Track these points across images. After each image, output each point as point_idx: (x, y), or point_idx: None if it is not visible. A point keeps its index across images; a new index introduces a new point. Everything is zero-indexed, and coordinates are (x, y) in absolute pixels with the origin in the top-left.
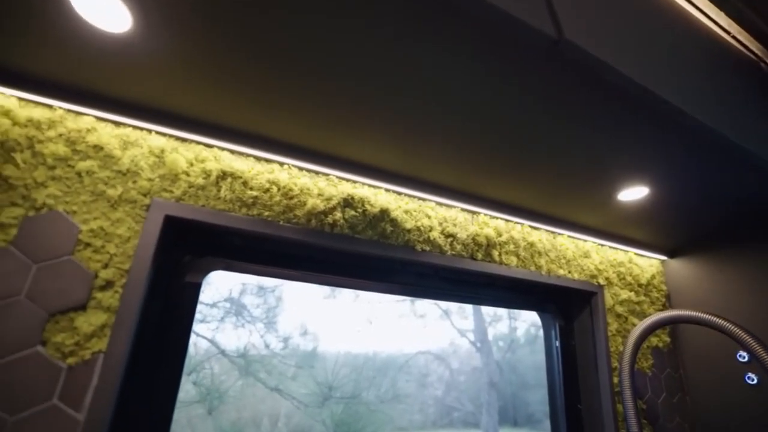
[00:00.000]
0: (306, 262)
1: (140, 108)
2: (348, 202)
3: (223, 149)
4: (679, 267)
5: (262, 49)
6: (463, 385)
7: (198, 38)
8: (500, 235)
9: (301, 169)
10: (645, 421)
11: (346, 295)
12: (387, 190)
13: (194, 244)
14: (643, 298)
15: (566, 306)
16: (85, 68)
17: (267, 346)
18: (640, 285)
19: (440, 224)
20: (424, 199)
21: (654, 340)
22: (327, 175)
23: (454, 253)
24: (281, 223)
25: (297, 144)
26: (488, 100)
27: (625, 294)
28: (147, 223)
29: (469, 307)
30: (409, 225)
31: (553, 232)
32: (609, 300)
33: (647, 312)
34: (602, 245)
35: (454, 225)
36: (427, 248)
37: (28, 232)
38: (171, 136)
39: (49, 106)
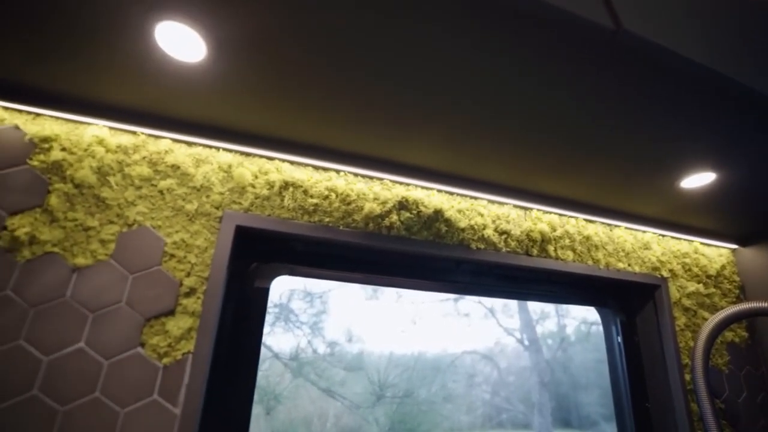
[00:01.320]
0: (365, 264)
1: (209, 128)
2: (403, 205)
3: (283, 161)
4: (754, 255)
5: (320, 68)
6: (512, 386)
7: (262, 62)
8: (554, 230)
9: (356, 175)
10: (724, 422)
11: (389, 296)
12: (440, 191)
13: (261, 251)
14: (713, 290)
15: (627, 300)
16: (162, 96)
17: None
18: (709, 276)
19: (493, 222)
20: (476, 198)
21: (729, 335)
22: (381, 179)
23: (508, 249)
24: (341, 227)
25: (352, 151)
26: (544, 95)
27: (692, 286)
28: (221, 234)
29: (514, 305)
30: (462, 224)
31: (609, 225)
32: (674, 293)
33: (719, 305)
34: (663, 236)
35: (508, 222)
36: (482, 246)
37: (123, 246)
38: (236, 151)
39: (134, 132)
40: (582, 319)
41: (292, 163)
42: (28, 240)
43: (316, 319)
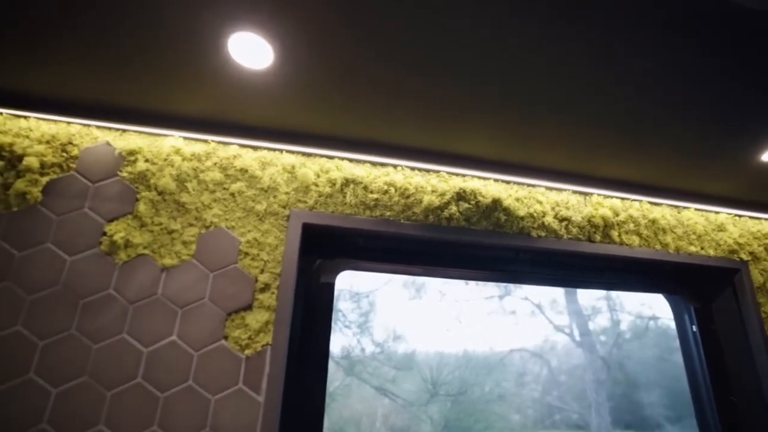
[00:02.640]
0: (425, 256)
1: (274, 132)
2: (461, 196)
3: (343, 159)
4: None
5: (379, 67)
6: (564, 384)
7: (324, 64)
8: (617, 215)
9: (413, 169)
10: None
11: (432, 295)
12: (496, 181)
13: (325, 247)
14: None
15: (700, 287)
16: (232, 103)
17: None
18: None
19: (553, 209)
20: (533, 185)
21: None
22: (438, 172)
23: (570, 236)
24: (402, 221)
25: (409, 145)
26: (602, 72)
27: None
28: (289, 232)
29: (562, 301)
30: (521, 212)
31: (677, 207)
32: (757, 277)
33: None
34: (740, 216)
35: (567, 208)
36: (543, 234)
37: (203, 246)
38: (299, 153)
39: (205, 141)
40: (637, 313)
41: (351, 160)
42: (123, 244)
43: (363, 318)
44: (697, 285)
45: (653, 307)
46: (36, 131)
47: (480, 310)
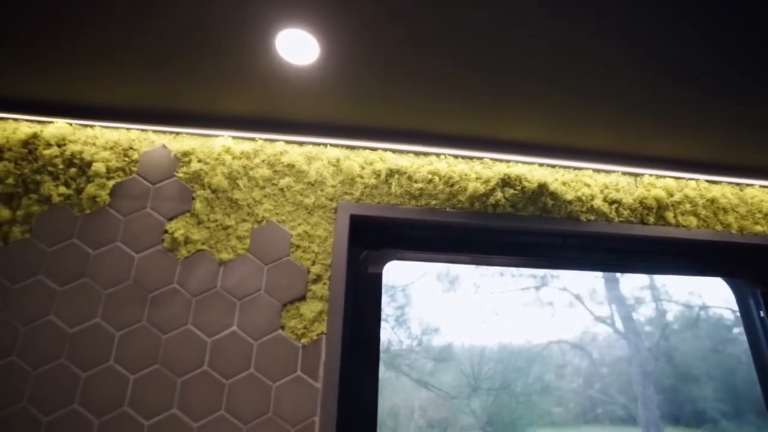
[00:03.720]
0: (471, 244)
1: (318, 126)
2: (506, 182)
3: (386, 150)
4: None
5: (424, 57)
6: (607, 377)
7: (369, 57)
8: (672, 195)
9: (456, 157)
10: None
11: (466, 287)
12: (541, 165)
13: (371, 239)
14: None
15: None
16: (278, 100)
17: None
18: None
19: (601, 191)
20: (580, 168)
21: None
22: (481, 159)
23: (621, 219)
24: (447, 209)
25: (452, 133)
26: (659, 38)
27: None
28: (337, 224)
29: (602, 291)
30: (569, 196)
31: (738, 184)
32: None
33: None
34: None
35: (617, 190)
36: (592, 217)
37: (257, 240)
38: (343, 146)
39: (252, 139)
40: (685, 302)
41: (394, 151)
42: (183, 240)
43: (399, 312)
44: (764, 267)
45: (703, 296)
46: (101, 138)
47: (516, 301)
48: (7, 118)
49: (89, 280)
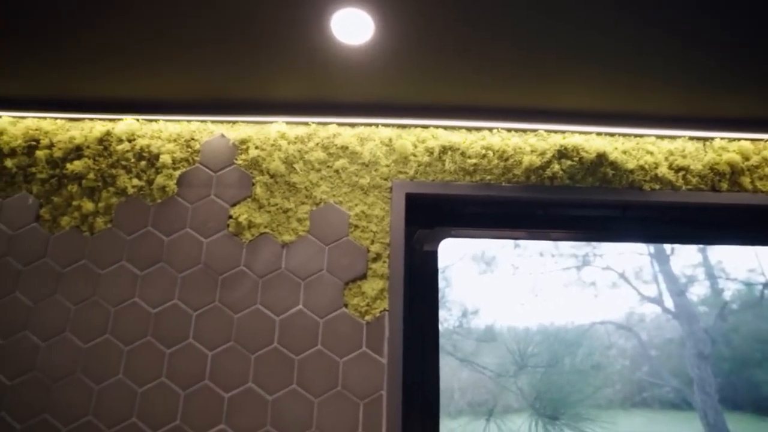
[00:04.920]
0: (526, 219)
1: (370, 106)
2: (562, 153)
3: (437, 127)
4: None
5: (476, 31)
6: (656, 359)
7: (423, 33)
8: (747, 159)
9: (509, 130)
10: None
11: (504, 269)
12: (599, 134)
13: (426, 217)
14: None
15: None
16: (331, 83)
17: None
18: None
19: (666, 159)
20: (641, 135)
21: None
22: (536, 131)
23: (689, 187)
24: (503, 183)
25: (505, 106)
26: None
27: None
28: (393, 203)
29: (649, 270)
30: (630, 165)
31: None
32: None
33: None
34: None
35: (684, 156)
36: (656, 186)
37: (316, 222)
38: (394, 125)
39: (305, 123)
40: (746, 280)
41: (445, 128)
42: (247, 224)
43: (440, 294)
44: None
45: (767, 273)
46: (165, 131)
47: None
48: (84, 119)
49: (165, 264)
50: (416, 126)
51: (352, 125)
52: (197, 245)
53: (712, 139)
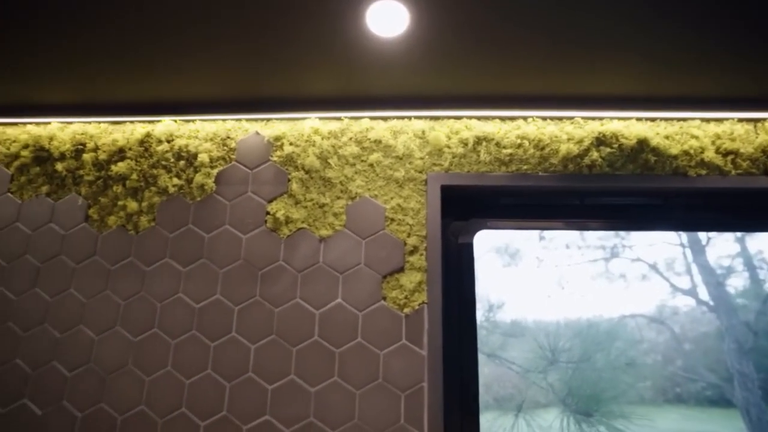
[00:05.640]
0: (563, 210)
1: (403, 99)
2: (601, 140)
3: (471, 118)
4: None
5: (512, 19)
6: (691, 353)
7: (458, 24)
8: None
9: (545, 119)
10: None
11: (528, 262)
12: (639, 119)
13: (460, 209)
14: None
15: None
16: (364, 76)
17: None
18: None
19: (713, 143)
20: (684, 119)
21: None
22: (572, 118)
23: (739, 172)
24: (539, 173)
25: (540, 94)
26: None
27: None
28: (429, 195)
29: (682, 262)
30: (674, 150)
31: None
32: None
33: None
34: None
35: (732, 140)
36: (703, 171)
37: (352, 216)
38: (426, 117)
39: (338, 118)
40: None
41: (479, 118)
42: (284, 220)
43: None
44: None
45: None
46: (202, 131)
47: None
48: (125, 121)
49: (207, 260)
50: (449, 117)
51: (385, 119)
52: (236, 241)
53: (765, 120)
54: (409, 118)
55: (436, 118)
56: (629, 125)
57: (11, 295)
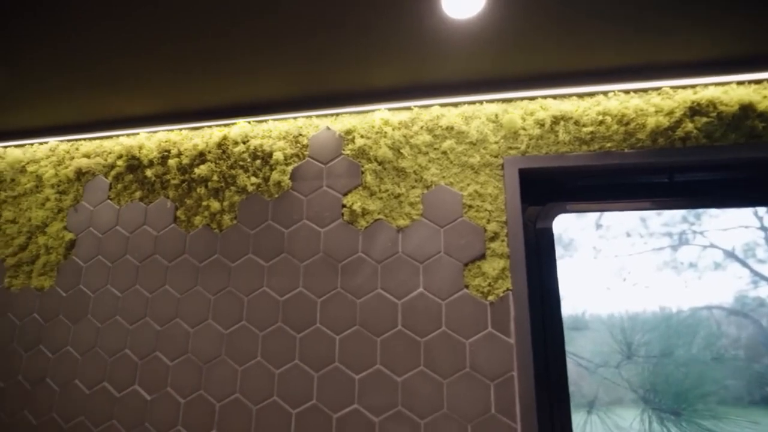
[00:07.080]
0: (650, 189)
1: (473, 84)
2: (695, 110)
3: (546, 97)
4: None
5: None
6: None
7: (532, 2)
8: None
9: (627, 92)
10: None
11: (584, 252)
12: (740, 83)
13: (538, 193)
14: None
15: None
16: (434, 62)
17: None
18: None
19: None
20: None
21: None
22: (658, 89)
23: None
24: (625, 150)
25: (620, 65)
26: None
27: None
28: (506, 180)
29: (765, 248)
30: None
31: None
32: None
33: None
34: None
35: None
36: None
37: (429, 205)
38: (498, 100)
39: (408, 108)
40: None
41: (554, 97)
42: (361, 212)
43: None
44: None
45: None
46: (275, 131)
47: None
48: (203, 126)
49: (288, 255)
50: (523, 98)
51: (455, 105)
52: (315, 235)
53: None
54: (481, 102)
55: (509, 101)
56: (728, 91)
57: (117, 292)
